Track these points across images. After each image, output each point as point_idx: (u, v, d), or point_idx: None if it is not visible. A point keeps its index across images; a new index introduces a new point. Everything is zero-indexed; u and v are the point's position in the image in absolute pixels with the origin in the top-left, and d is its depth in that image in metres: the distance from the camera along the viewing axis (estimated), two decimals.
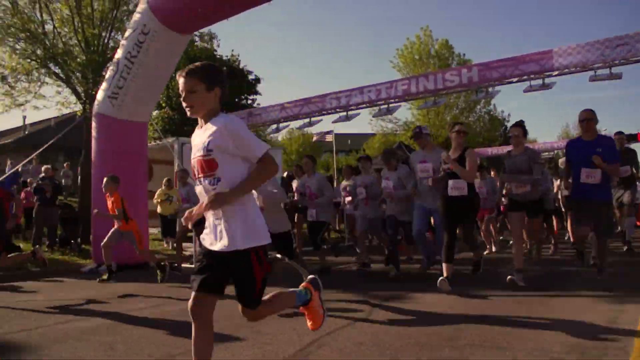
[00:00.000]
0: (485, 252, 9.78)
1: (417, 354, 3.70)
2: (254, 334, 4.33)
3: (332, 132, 18.04)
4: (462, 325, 4.50)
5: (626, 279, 6.68)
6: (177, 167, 11.38)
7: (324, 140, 18.93)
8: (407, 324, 4.71)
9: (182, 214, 3.05)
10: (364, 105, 9.82)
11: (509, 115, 31.97)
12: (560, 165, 10.34)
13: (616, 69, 7.70)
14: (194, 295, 2.70)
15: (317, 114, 10.35)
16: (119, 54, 9.60)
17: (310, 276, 3.40)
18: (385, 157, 8.03)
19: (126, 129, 9.61)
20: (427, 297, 5.81)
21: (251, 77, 22.08)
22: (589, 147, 5.88)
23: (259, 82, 22.34)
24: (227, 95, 2.95)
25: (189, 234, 9.47)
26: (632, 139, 14.93)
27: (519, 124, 6.48)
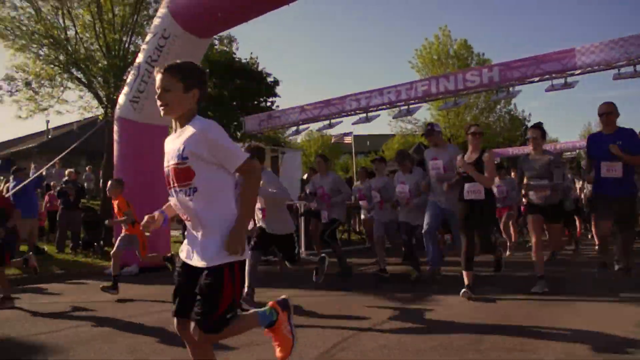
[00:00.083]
0: (507, 253, 9.66)
1: (441, 357, 3.67)
2: None
3: (351, 133, 17.94)
4: (486, 328, 4.45)
5: None
6: None
7: (343, 142, 18.88)
8: (430, 326, 4.68)
9: None
10: (384, 106, 9.78)
11: (529, 114, 31.81)
12: (582, 166, 10.17)
13: None
14: (175, 319, 2.66)
15: (337, 116, 10.35)
16: (139, 58, 9.71)
17: (281, 297, 3.03)
18: (399, 158, 7.79)
19: (147, 132, 9.68)
20: (449, 300, 5.76)
21: (270, 79, 22.14)
22: (609, 141, 5.69)
23: (278, 85, 22.40)
24: (206, 97, 2.74)
25: None
26: None
27: (537, 126, 6.28)
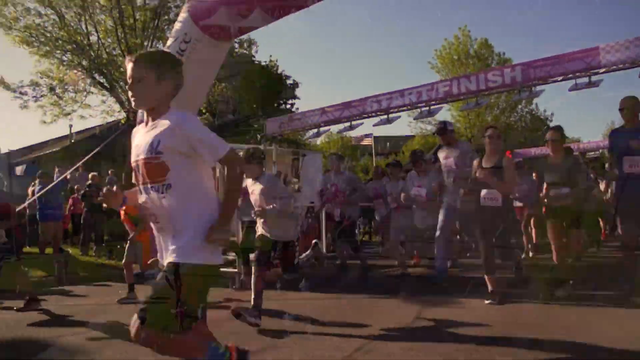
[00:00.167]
0: (529, 254, 9.51)
1: None
2: (300, 338, 4.33)
3: (371, 135, 17.88)
4: (512, 331, 4.38)
5: None
6: (218, 173, 11.50)
7: (361, 143, 18.84)
8: (455, 329, 4.62)
9: None
10: (405, 108, 9.71)
11: (551, 114, 31.24)
12: (606, 168, 9.97)
13: None
14: None
15: (358, 118, 10.29)
16: None
17: (245, 348, 2.71)
18: (413, 158, 7.69)
19: None
20: (472, 303, 5.67)
21: (289, 81, 22.22)
22: (631, 136, 5.45)
23: (297, 87, 22.48)
24: (181, 87, 2.59)
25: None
26: None
27: (557, 128, 6.11)
